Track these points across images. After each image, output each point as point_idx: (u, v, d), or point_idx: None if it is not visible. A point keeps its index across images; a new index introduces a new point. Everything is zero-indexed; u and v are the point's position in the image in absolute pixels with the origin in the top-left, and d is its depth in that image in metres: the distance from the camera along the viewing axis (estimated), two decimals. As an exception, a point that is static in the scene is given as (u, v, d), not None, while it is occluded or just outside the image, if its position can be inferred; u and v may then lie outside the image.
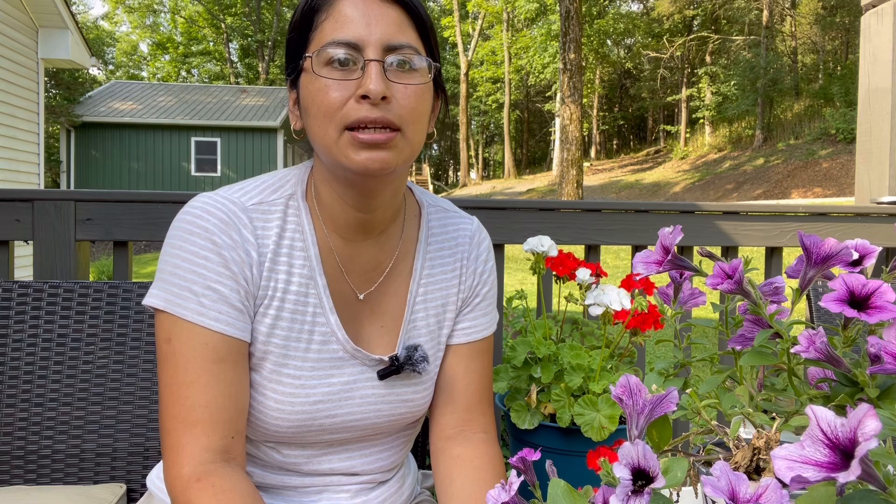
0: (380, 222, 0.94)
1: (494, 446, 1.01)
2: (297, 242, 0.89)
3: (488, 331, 1.04)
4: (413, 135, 0.84)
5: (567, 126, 14.22)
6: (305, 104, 0.85)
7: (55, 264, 1.59)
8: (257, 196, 0.89)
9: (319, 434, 0.92)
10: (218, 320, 0.83)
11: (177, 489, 0.81)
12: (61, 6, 8.06)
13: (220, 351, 0.83)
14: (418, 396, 0.97)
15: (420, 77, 0.84)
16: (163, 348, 0.84)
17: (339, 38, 0.81)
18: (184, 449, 0.81)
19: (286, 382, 0.88)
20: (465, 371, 1.01)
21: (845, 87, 22.37)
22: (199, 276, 0.83)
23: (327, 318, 0.90)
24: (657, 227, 0.79)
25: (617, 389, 0.56)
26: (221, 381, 0.83)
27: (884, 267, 0.68)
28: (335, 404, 0.91)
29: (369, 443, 0.98)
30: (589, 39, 29.81)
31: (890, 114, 2.09)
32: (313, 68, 0.82)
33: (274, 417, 0.88)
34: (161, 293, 0.84)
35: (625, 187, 24.42)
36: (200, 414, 0.82)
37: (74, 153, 19.22)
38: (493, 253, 1.07)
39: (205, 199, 0.86)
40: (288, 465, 0.94)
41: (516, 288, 1.37)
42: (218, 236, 0.84)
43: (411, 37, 0.84)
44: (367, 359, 0.93)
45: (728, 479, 0.43)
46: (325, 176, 0.90)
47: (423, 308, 0.98)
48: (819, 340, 0.57)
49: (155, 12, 41.73)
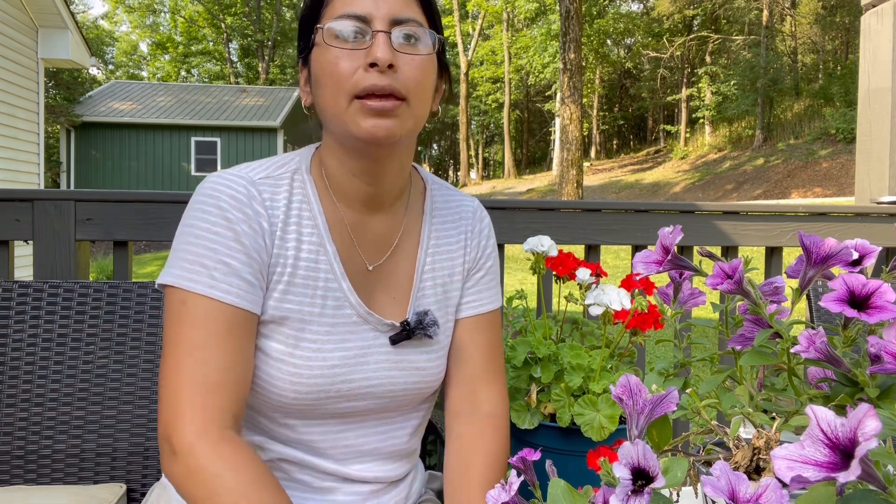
0: (387, 196, 0.97)
1: (497, 422, 1.03)
2: (304, 213, 0.93)
3: (493, 304, 1.08)
4: (417, 106, 0.89)
5: (567, 126, 14.22)
6: (316, 76, 0.89)
7: (55, 264, 1.59)
8: (264, 171, 0.93)
9: (336, 401, 0.93)
10: (228, 293, 0.85)
11: (196, 449, 0.78)
12: (61, 6, 8.06)
13: (231, 320, 0.85)
14: (430, 365, 1.00)
15: (425, 49, 0.89)
16: (176, 311, 0.84)
17: (348, 11, 0.86)
18: (197, 407, 0.80)
19: (304, 347, 0.90)
20: (469, 342, 1.04)
21: (845, 87, 22.36)
22: (211, 251, 0.85)
23: (339, 283, 0.93)
24: (657, 227, 0.79)
25: (617, 389, 0.56)
26: (233, 348, 0.85)
27: (884, 267, 0.68)
28: (351, 369, 0.93)
29: (385, 418, 0.99)
30: (589, 39, 29.81)
31: (890, 114, 2.09)
32: (325, 39, 0.87)
33: (293, 384, 0.90)
34: (172, 269, 0.86)
35: (625, 187, 24.41)
36: (215, 376, 0.82)
37: (74, 153, 19.21)
38: (493, 231, 1.12)
39: (215, 178, 0.90)
40: (304, 444, 0.95)
41: (516, 288, 1.38)
42: (230, 212, 0.87)
43: (416, 12, 0.89)
44: (380, 323, 0.96)
45: (728, 479, 0.43)
46: (333, 150, 0.94)
47: (430, 277, 1.02)
48: (819, 340, 0.57)
49: (155, 12, 41.74)
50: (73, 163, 19.16)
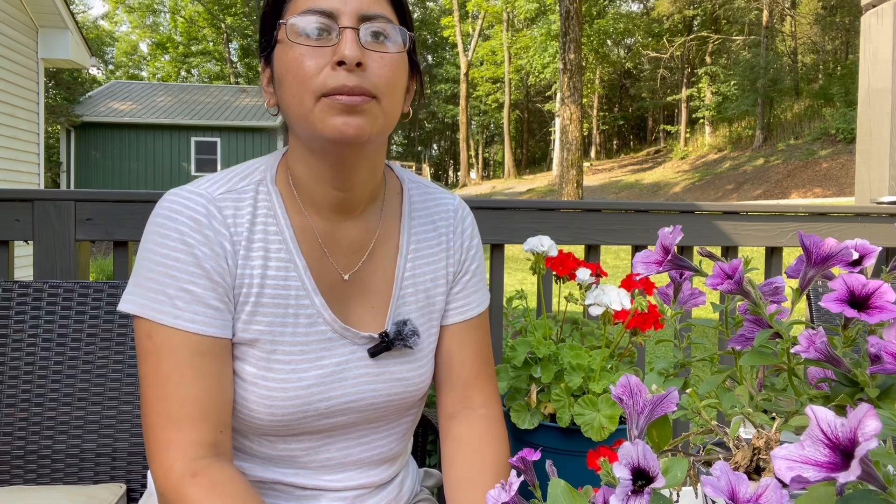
0: (358, 201, 0.92)
1: (494, 423, 1.01)
2: (270, 227, 0.88)
3: (481, 307, 1.04)
4: (388, 105, 0.84)
5: (567, 126, 14.22)
6: (280, 74, 0.84)
7: (55, 264, 1.59)
8: (225, 185, 0.88)
9: (315, 420, 0.91)
10: (194, 321, 0.82)
11: (169, 486, 0.80)
12: (61, 6, 8.06)
13: (201, 348, 0.83)
14: (413, 375, 0.96)
15: (395, 47, 0.84)
16: (144, 346, 0.83)
17: (313, 6, 0.81)
18: (173, 445, 0.81)
19: (277, 369, 0.87)
20: (459, 347, 1.01)
21: (845, 87, 22.36)
22: (172, 279, 0.82)
23: (311, 299, 0.89)
24: (657, 227, 0.79)
25: (617, 389, 0.56)
26: (206, 375, 0.83)
27: (884, 267, 0.68)
28: (328, 387, 0.90)
29: (368, 429, 0.96)
30: (589, 39, 29.81)
31: (890, 114, 2.09)
32: (288, 36, 0.82)
33: (268, 407, 0.87)
34: (136, 298, 0.83)
35: (625, 187, 24.41)
36: (188, 409, 0.81)
37: (74, 153, 19.20)
38: (476, 229, 1.07)
39: (174, 196, 0.86)
40: (285, 459, 0.93)
41: (516, 288, 1.38)
42: (190, 236, 0.83)
43: (385, 7, 0.84)
44: (358, 337, 0.92)
45: (728, 479, 0.43)
46: (301, 155, 0.89)
47: (411, 284, 0.97)
48: (819, 340, 0.57)
49: (155, 12, 41.77)
50: (73, 163, 19.15)
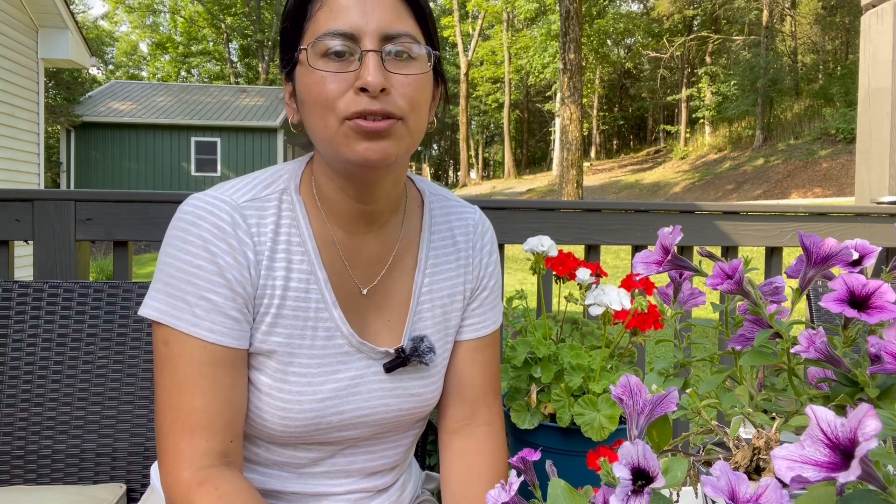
0: (381, 213, 0.92)
1: (497, 439, 1.01)
2: (293, 237, 0.87)
3: (495, 325, 1.04)
4: (414, 123, 0.83)
5: (567, 126, 14.22)
6: (302, 97, 0.83)
7: (55, 264, 1.59)
8: (250, 192, 0.87)
9: (327, 432, 0.90)
10: (212, 331, 0.82)
11: (178, 494, 0.80)
12: (61, 6, 8.06)
13: (216, 357, 0.82)
14: (426, 391, 0.96)
15: (419, 66, 0.82)
16: (160, 352, 0.84)
17: (334, 28, 0.78)
18: (182, 454, 0.81)
19: (292, 381, 0.87)
20: (471, 364, 1.00)
21: (845, 87, 22.36)
22: (193, 286, 0.81)
23: (330, 312, 0.89)
24: (657, 227, 0.79)
25: (617, 389, 0.56)
26: (219, 385, 0.82)
27: (884, 267, 0.68)
28: (343, 400, 0.89)
29: (376, 440, 0.96)
30: (589, 39, 29.80)
31: (890, 114, 2.09)
32: (309, 61, 0.80)
33: (281, 418, 0.87)
34: (156, 304, 0.83)
35: (625, 187, 24.40)
36: (199, 418, 0.81)
37: (74, 153, 19.20)
38: (496, 244, 1.06)
39: (198, 202, 0.85)
40: (290, 465, 0.93)
41: (516, 288, 1.37)
42: (214, 244, 0.82)
43: (409, 24, 0.82)
44: (374, 352, 0.91)
45: (728, 479, 0.43)
46: (324, 169, 0.88)
47: (428, 299, 0.96)
48: (819, 340, 0.57)
49: (155, 12, 41.75)
50: (73, 163, 19.15)
